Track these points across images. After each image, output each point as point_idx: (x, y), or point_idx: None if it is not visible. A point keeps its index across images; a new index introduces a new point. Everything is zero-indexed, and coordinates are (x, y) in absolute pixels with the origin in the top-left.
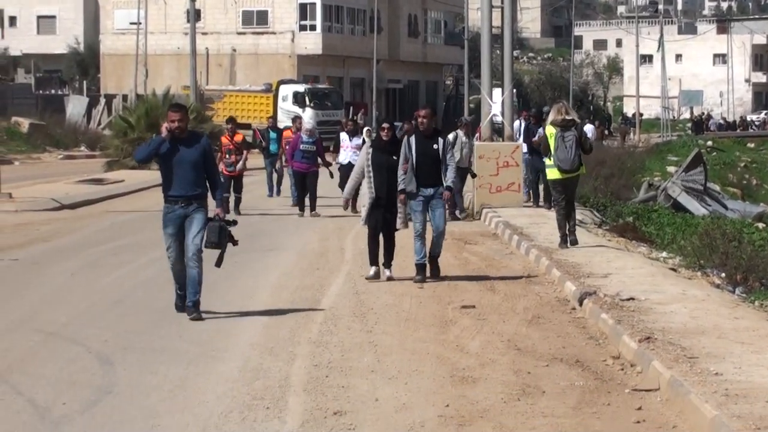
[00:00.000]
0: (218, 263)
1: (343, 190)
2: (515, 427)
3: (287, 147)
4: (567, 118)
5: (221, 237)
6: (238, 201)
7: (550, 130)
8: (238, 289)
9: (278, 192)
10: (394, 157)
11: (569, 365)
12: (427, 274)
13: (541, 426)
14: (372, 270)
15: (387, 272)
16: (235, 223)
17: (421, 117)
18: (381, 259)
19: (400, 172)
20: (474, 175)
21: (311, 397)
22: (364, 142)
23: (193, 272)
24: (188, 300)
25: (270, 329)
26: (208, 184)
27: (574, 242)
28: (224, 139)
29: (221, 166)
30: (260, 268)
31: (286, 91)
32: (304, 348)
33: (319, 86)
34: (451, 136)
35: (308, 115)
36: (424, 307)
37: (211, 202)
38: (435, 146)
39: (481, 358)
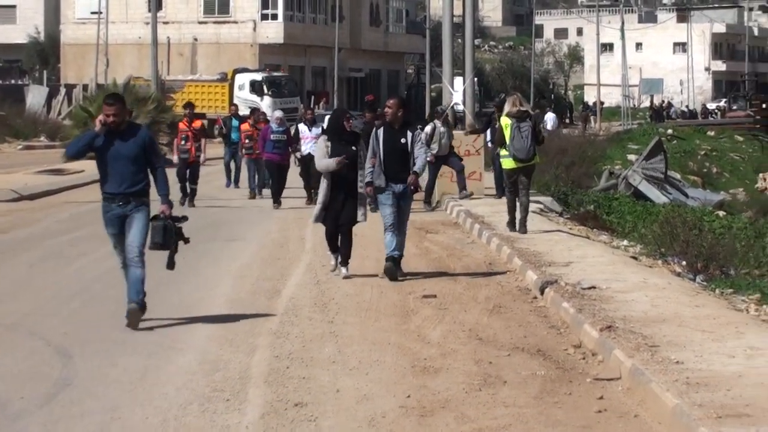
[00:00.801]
0: (169, 265)
1: (303, 179)
2: (477, 417)
3: (245, 140)
4: (522, 109)
5: (166, 237)
6: (193, 192)
7: (506, 121)
8: (198, 279)
9: (237, 183)
10: (353, 148)
11: (531, 354)
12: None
13: (502, 416)
14: (332, 259)
15: (344, 270)
16: (185, 219)
17: (387, 107)
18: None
19: (367, 165)
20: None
21: (272, 389)
22: (323, 129)
23: (135, 272)
24: (129, 301)
25: (230, 320)
26: (152, 180)
27: (524, 231)
28: (182, 125)
29: (175, 152)
30: (221, 258)
31: (243, 79)
32: (264, 339)
33: (276, 74)
34: (428, 128)
35: (266, 104)
36: (385, 297)
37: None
38: (403, 140)
39: (442, 348)
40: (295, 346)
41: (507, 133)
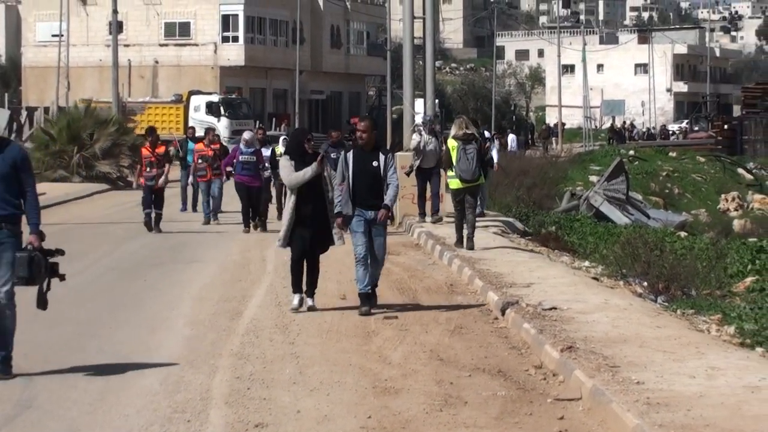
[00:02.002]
0: (40, 304)
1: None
2: None
3: (197, 161)
4: (468, 132)
5: (32, 270)
6: (159, 217)
7: (452, 144)
8: (159, 301)
9: (194, 207)
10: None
11: (491, 375)
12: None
13: None
14: (296, 298)
15: (309, 301)
16: (60, 252)
17: (360, 131)
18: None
19: (336, 192)
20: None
21: (233, 410)
22: (273, 152)
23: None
24: None
25: (192, 342)
26: (23, 205)
27: (471, 247)
28: (144, 151)
29: (141, 179)
30: (182, 280)
31: (198, 101)
32: (225, 360)
33: (231, 96)
34: (415, 137)
35: (223, 125)
36: (346, 318)
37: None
38: (375, 163)
39: (403, 369)
40: (256, 367)
41: (453, 155)
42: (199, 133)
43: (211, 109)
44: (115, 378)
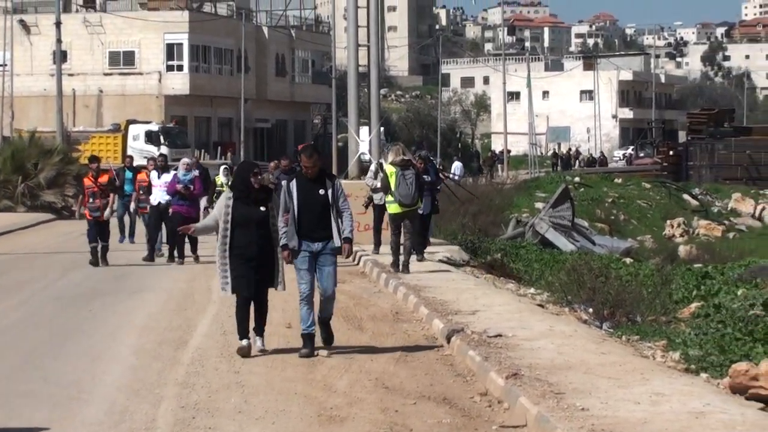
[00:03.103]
0: None
1: (149, 233)
2: None
3: (139, 192)
4: (405, 158)
5: None
6: (105, 250)
7: (391, 170)
8: (104, 330)
9: (132, 238)
10: (262, 209)
11: (437, 403)
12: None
13: None
14: (244, 342)
15: (259, 342)
16: None
17: (306, 166)
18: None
19: (280, 224)
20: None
21: None
22: (175, 176)
23: None
24: None
25: (137, 371)
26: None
27: (407, 272)
28: (87, 181)
29: (85, 211)
30: (127, 309)
31: (137, 130)
32: (170, 389)
33: (169, 125)
34: (373, 167)
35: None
36: (291, 348)
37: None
38: (322, 191)
39: (348, 397)
40: (201, 396)
41: (392, 181)
42: (138, 161)
43: (151, 137)
44: (60, 407)
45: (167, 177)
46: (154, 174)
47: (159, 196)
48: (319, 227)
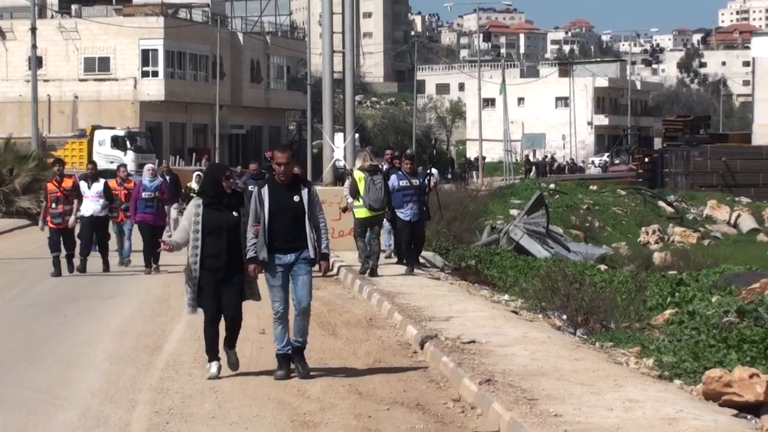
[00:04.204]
0: None
1: (82, 245)
2: None
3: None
4: (373, 163)
5: None
6: (70, 258)
7: (359, 175)
8: (78, 336)
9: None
10: (234, 214)
11: (410, 408)
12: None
13: None
14: (214, 366)
15: (231, 357)
16: None
17: (279, 162)
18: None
19: (249, 234)
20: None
21: None
22: (106, 185)
23: None
24: None
25: (111, 376)
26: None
27: (374, 273)
28: (51, 185)
29: (47, 219)
30: (102, 315)
31: (103, 136)
32: (145, 395)
33: (135, 130)
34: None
35: (129, 159)
36: (265, 353)
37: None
38: (296, 198)
39: (322, 403)
40: (175, 402)
41: (362, 186)
42: (103, 166)
43: (117, 143)
44: (35, 412)
45: (98, 186)
46: (83, 184)
47: (90, 206)
48: (292, 237)
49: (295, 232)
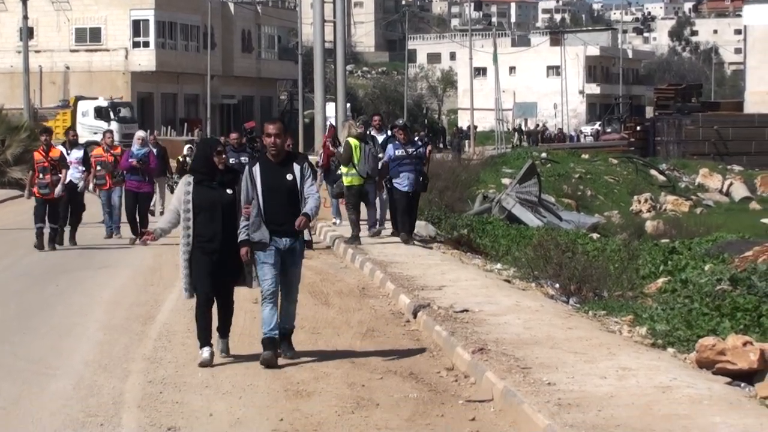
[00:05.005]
0: None
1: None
2: None
3: (96, 168)
4: (360, 131)
5: None
6: (54, 233)
7: (355, 142)
8: (71, 306)
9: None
10: (229, 192)
11: (403, 377)
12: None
13: None
14: (206, 351)
15: (222, 345)
16: None
17: (270, 135)
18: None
19: (242, 215)
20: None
21: (145, 413)
22: (86, 153)
23: None
24: None
25: (104, 346)
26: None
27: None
28: (38, 155)
29: (33, 189)
30: (94, 285)
31: (86, 106)
32: (138, 364)
33: (117, 101)
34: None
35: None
36: (257, 323)
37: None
38: (290, 176)
39: (315, 372)
40: (168, 371)
41: (356, 154)
42: (87, 137)
43: (101, 113)
44: (28, 382)
45: (77, 153)
46: (62, 149)
47: (70, 174)
48: (287, 220)
49: (290, 215)
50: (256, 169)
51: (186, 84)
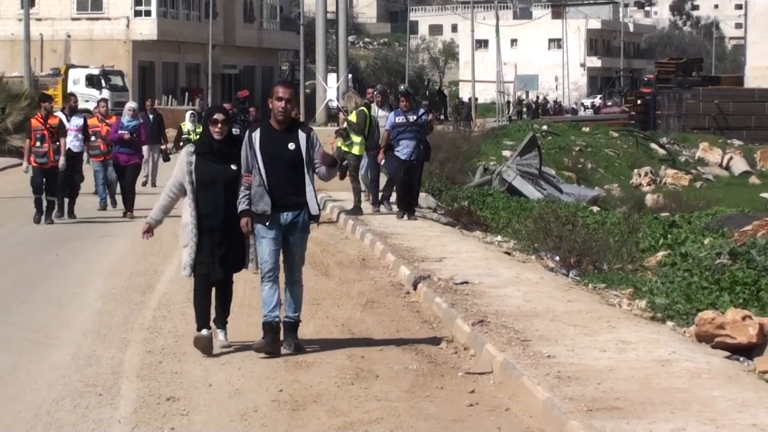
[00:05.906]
0: None
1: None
2: (348, 411)
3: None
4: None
5: None
6: (51, 206)
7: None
8: (70, 276)
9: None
10: (233, 167)
11: (403, 349)
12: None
13: (374, 409)
14: (204, 332)
15: (221, 335)
16: None
17: (281, 98)
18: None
19: (242, 186)
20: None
21: (144, 383)
22: (84, 121)
23: None
24: None
25: (103, 316)
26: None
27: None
28: (35, 122)
29: (31, 157)
30: (93, 254)
31: (77, 74)
32: (137, 334)
33: (108, 69)
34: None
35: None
36: (258, 293)
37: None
38: (292, 145)
39: (314, 343)
40: (167, 341)
41: (369, 124)
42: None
43: (92, 81)
44: (27, 352)
45: (77, 121)
46: (62, 116)
47: (69, 142)
48: (289, 192)
49: (292, 187)
50: (256, 135)
51: (187, 53)
